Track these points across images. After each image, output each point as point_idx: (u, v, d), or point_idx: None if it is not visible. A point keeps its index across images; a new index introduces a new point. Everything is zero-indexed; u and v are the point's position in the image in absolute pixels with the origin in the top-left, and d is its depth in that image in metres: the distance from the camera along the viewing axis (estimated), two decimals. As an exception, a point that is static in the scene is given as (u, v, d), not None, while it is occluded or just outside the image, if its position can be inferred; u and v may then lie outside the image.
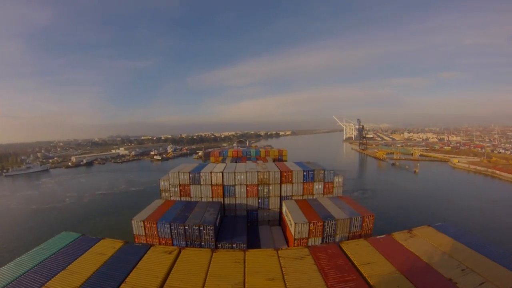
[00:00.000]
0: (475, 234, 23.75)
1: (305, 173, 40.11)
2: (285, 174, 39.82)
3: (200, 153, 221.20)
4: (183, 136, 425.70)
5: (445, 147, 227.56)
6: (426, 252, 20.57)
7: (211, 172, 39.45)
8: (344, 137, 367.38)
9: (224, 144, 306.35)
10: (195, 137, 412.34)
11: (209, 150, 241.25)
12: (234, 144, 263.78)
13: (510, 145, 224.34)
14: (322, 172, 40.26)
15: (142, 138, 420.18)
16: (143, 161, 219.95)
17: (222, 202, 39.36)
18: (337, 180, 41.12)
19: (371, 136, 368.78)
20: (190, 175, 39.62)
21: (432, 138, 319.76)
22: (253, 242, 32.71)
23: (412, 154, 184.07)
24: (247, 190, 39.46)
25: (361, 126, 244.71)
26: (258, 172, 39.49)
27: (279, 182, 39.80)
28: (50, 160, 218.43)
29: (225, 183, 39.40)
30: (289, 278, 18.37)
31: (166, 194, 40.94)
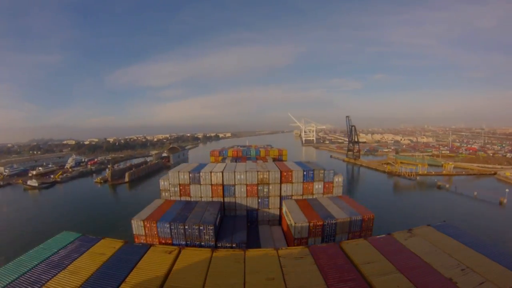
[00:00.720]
0: (475, 234, 23.74)
1: (305, 173, 40.14)
2: (285, 173, 39.84)
3: (107, 172, 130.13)
4: (110, 140, 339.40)
5: (443, 152, 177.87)
6: (426, 252, 20.57)
7: (211, 172, 39.47)
8: (303, 140, 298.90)
9: (153, 152, 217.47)
10: (122, 141, 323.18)
11: (122, 165, 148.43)
12: (165, 154, 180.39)
13: (499, 147, 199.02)
14: (322, 171, 40.29)
15: (65, 142, 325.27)
16: (15, 187, 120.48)
17: (222, 202, 39.36)
18: (337, 180, 41.16)
19: (329, 138, 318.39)
20: (190, 175, 39.63)
21: (403, 139, 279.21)
22: (253, 242, 32.73)
23: (442, 166, 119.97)
24: (247, 189, 39.48)
25: (351, 127, 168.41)
26: (258, 171, 39.51)
27: (279, 181, 39.82)
28: None
29: (225, 183, 39.42)
30: (289, 277, 18.37)
31: (166, 194, 40.95)
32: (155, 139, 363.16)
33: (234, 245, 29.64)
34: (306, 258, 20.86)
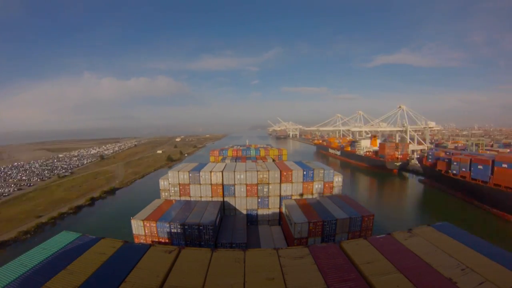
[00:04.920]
0: (475, 234, 23.72)
1: (304, 173, 40.17)
2: (285, 173, 39.87)
3: None
4: None
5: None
6: (426, 252, 20.55)
7: (210, 172, 39.48)
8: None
9: None
10: None
11: None
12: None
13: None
14: (322, 171, 40.31)
15: None
16: None
17: (222, 202, 39.38)
18: (337, 179, 41.19)
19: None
20: (190, 175, 39.65)
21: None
22: (253, 242, 32.77)
23: None
24: (246, 189, 39.51)
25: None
26: (257, 171, 39.54)
27: (278, 181, 39.86)
28: None
29: (224, 183, 39.46)
30: (289, 277, 18.35)
31: (166, 193, 40.99)
32: None
33: (234, 245, 29.65)
34: (306, 258, 20.83)
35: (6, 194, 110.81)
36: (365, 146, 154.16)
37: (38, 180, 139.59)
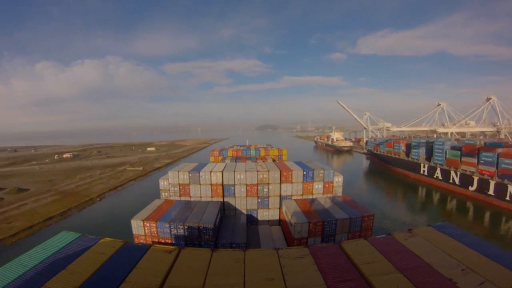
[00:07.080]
0: (475, 234, 23.73)
1: (305, 173, 40.16)
2: (285, 173, 39.86)
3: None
4: None
5: None
6: (426, 252, 20.56)
7: (210, 172, 39.49)
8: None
9: None
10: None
11: None
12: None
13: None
14: (322, 171, 40.30)
15: None
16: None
17: (222, 202, 39.38)
18: (337, 179, 41.19)
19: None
20: (190, 175, 39.65)
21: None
22: (253, 242, 32.76)
23: None
24: (247, 189, 39.51)
25: None
26: (257, 171, 39.55)
27: (278, 181, 39.85)
28: None
29: (224, 183, 39.46)
30: (289, 277, 18.35)
31: (166, 193, 40.99)
32: None
33: (234, 245, 29.65)
34: (306, 258, 20.83)
35: None
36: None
37: None
